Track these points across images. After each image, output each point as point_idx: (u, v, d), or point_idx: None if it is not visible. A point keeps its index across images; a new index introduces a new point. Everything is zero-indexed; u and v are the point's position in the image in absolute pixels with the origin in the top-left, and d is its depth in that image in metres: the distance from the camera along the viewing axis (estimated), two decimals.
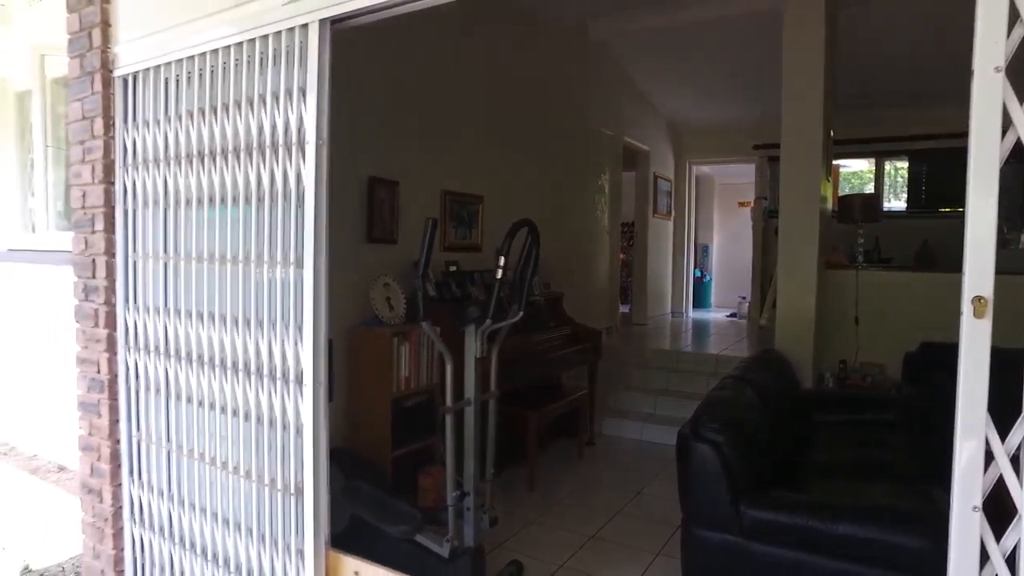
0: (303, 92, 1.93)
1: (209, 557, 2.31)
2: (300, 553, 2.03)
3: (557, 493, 3.85)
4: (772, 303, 5.59)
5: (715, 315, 9.13)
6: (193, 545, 2.37)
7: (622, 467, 4.41)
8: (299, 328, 1.92)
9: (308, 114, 1.90)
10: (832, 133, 4.81)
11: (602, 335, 4.89)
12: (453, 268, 3.86)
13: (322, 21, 1.92)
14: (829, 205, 5.21)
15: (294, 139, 1.94)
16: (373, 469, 3.07)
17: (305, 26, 1.94)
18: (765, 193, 7.18)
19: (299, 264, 1.93)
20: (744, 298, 8.34)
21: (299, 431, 1.96)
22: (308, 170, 1.90)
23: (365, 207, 3.36)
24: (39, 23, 4.34)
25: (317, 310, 1.89)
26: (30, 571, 3.14)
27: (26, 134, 4.81)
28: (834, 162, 6.05)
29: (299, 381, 1.94)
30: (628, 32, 5.75)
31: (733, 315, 8.90)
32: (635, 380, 5.48)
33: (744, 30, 5.35)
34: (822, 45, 4.35)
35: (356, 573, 2.00)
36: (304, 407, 1.93)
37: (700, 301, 9.59)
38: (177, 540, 2.42)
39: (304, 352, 1.91)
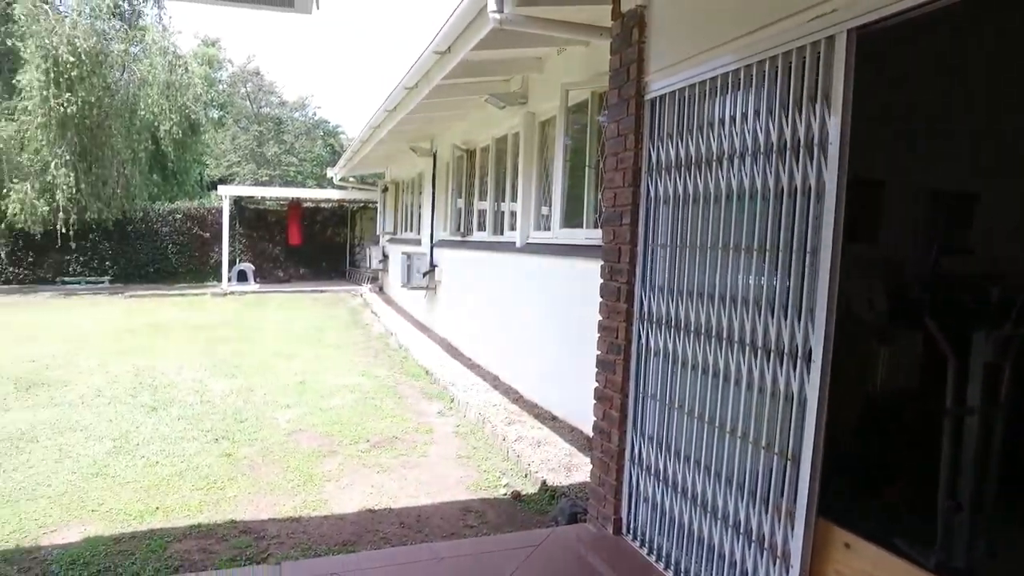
0: (826, 98, 2.12)
1: (698, 502, 2.71)
2: (790, 515, 2.24)
3: None
4: None
5: None
6: (684, 491, 2.81)
7: None
8: (810, 311, 2.13)
9: (832, 118, 2.09)
10: None
11: None
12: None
13: (849, 31, 2.07)
14: None
15: (815, 140, 2.15)
16: None
17: (831, 38, 2.12)
18: None
19: (814, 253, 2.13)
20: None
21: (802, 404, 2.17)
22: (830, 169, 2.09)
23: (845, 206, 3.37)
24: (564, 66, 5.53)
25: (831, 295, 2.07)
26: (547, 486, 4.10)
27: (545, 153, 6.17)
28: None
29: (806, 359, 2.15)
30: None
31: None
32: None
33: None
34: None
35: (847, 545, 2.12)
36: (809, 383, 2.13)
37: None
38: (669, 483, 2.90)
39: (815, 334, 2.11)
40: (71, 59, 15.02)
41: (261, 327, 11.45)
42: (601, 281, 3.36)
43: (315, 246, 21.41)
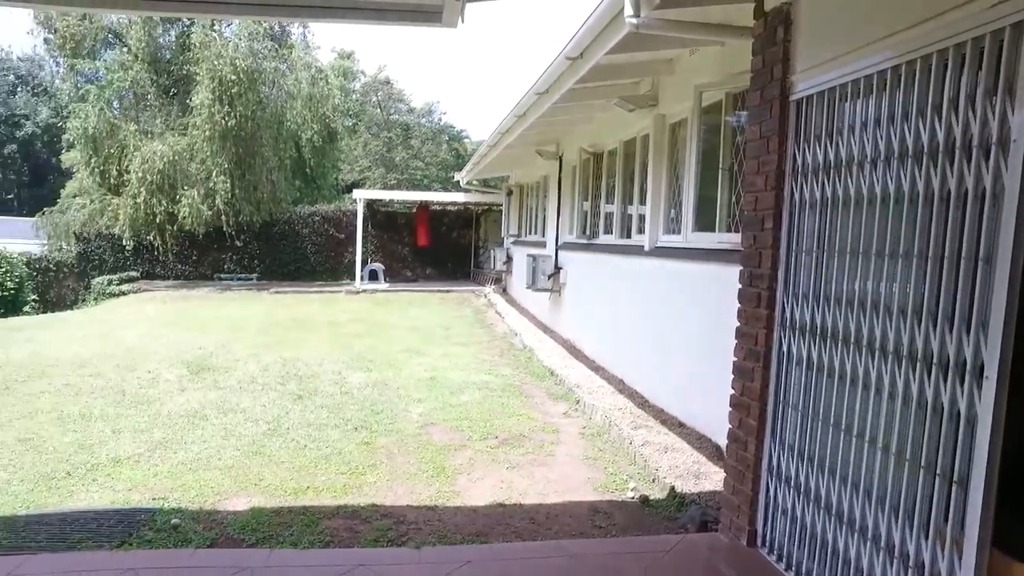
0: (1010, 92, 1.96)
1: (844, 519, 2.59)
2: (956, 543, 2.08)
3: None
4: None
5: None
6: (828, 506, 2.69)
7: None
8: (982, 323, 1.99)
9: (1017, 115, 1.92)
10: None
11: None
12: None
13: None
14: None
15: (993, 139, 2.00)
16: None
17: (1018, 24, 1.95)
18: None
19: (987, 261, 1.99)
20: None
21: (971, 423, 2.02)
22: (1011, 170, 1.93)
23: None
24: (698, 67, 5.42)
25: (1009, 307, 1.91)
26: (675, 493, 4.05)
27: (675, 155, 6.08)
28: None
29: (976, 374, 2.00)
30: None
31: None
32: None
33: None
34: None
35: None
36: (981, 401, 1.98)
37: None
38: (811, 496, 2.79)
39: (987, 348, 1.96)
40: (232, 78, 16.68)
41: (392, 324, 12.08)
42: (739, 286, 3.28)
43: (441, 247, 22.24)
